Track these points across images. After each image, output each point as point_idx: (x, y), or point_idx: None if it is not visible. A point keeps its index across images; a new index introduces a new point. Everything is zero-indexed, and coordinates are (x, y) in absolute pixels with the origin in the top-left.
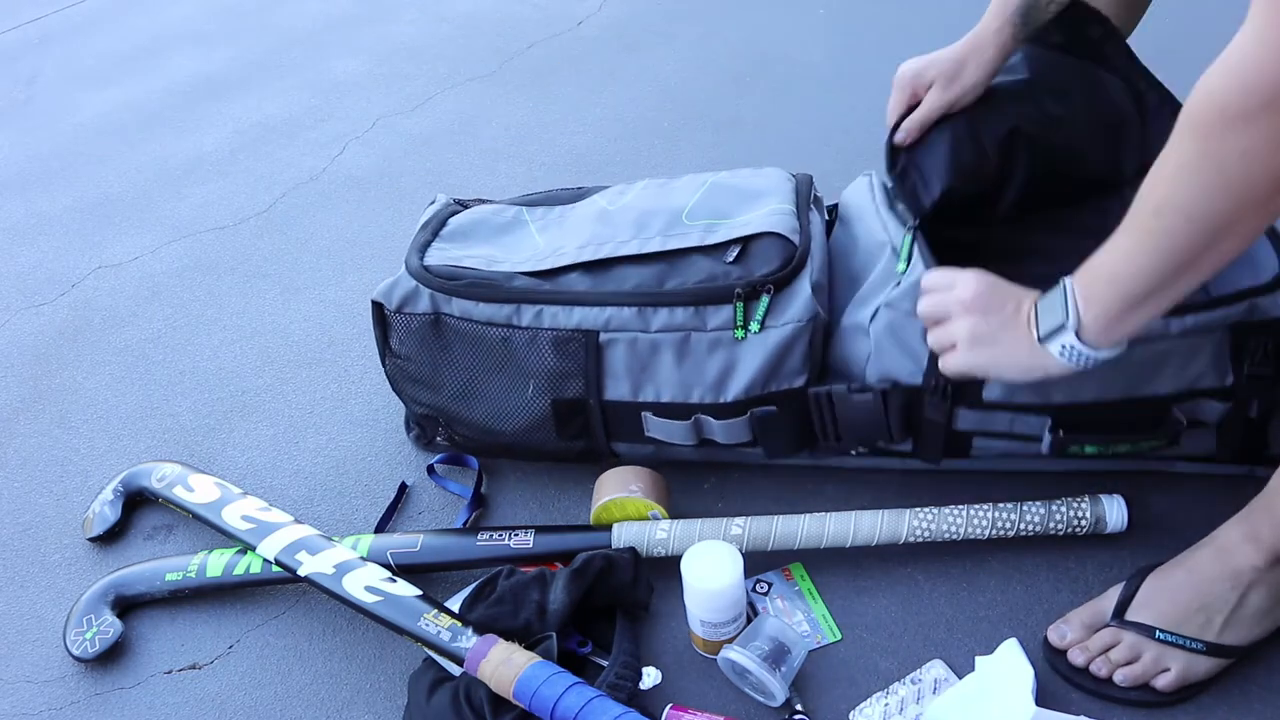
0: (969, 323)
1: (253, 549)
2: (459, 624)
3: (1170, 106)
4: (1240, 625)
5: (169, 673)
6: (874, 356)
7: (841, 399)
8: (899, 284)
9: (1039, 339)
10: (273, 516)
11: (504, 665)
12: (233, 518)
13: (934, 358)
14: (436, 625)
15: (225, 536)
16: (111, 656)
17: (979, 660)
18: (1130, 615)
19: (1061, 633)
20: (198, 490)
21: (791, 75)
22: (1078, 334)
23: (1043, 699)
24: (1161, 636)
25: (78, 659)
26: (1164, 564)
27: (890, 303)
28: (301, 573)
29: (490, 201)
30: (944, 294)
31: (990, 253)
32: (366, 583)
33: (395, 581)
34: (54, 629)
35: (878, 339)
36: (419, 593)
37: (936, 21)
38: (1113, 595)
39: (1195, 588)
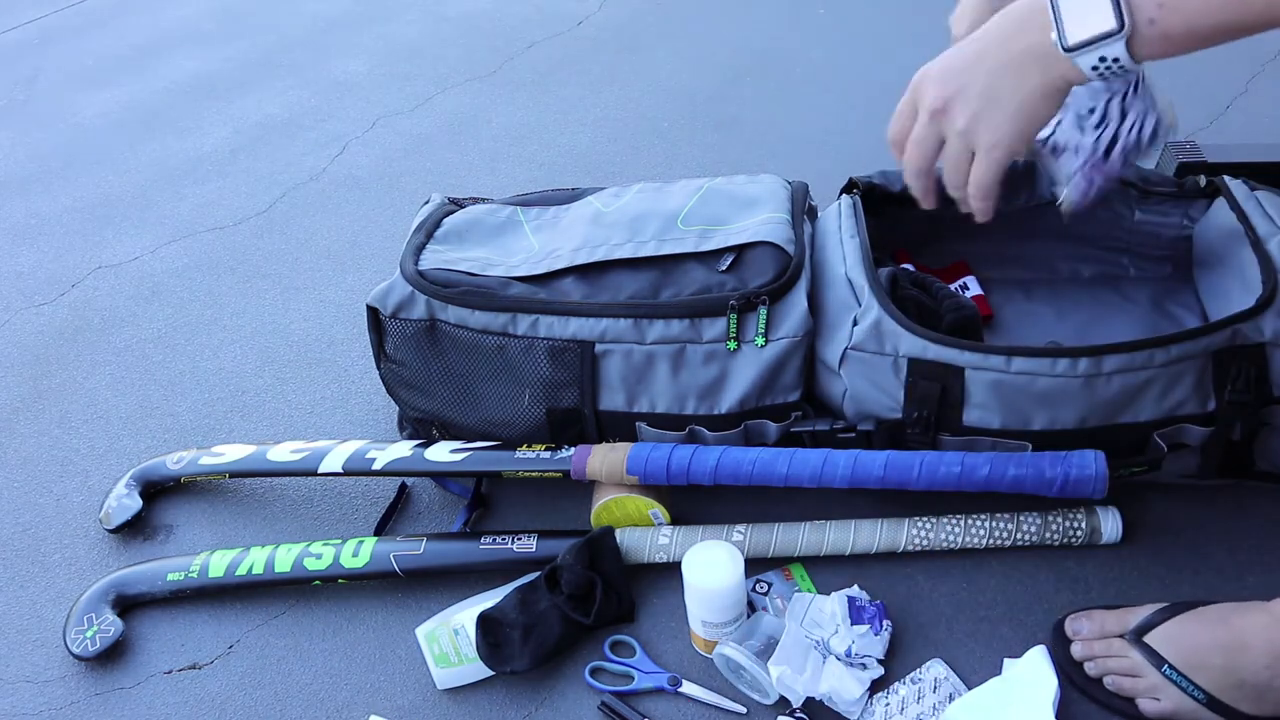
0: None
1: (314, 472)
2: (546, 448)
3: None
4: (1257, 700)
5: (169, 673)
6: (849, 394)
7: (827, 439)
8: (856, 322)
9: (1065, 48)
10: (319, 444)
11: (610, 455)
12: (281, 455)
13: (910, 392)
14: (533, 452)
15: (276, 476)
16: (111, 656)
17: (1006, 663)
18: (1149, 639)
19: (1077, 628)
20: (227, 453)
21: (791, 75)
22: (1128, 43)
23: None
24: (1168, 673)
25: (78, 657)
26: (1207, 607)
27: (855, 346)
28: (377, 467)
29: (485, 200)
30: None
31: (994, 230)
32: (448, 450)
33: (469, 444)
34: (54, 629)
35: (851, 380)
36: (497, 442)
37: (937, 22)
38: (1141, 612)
39: (1231, 648)
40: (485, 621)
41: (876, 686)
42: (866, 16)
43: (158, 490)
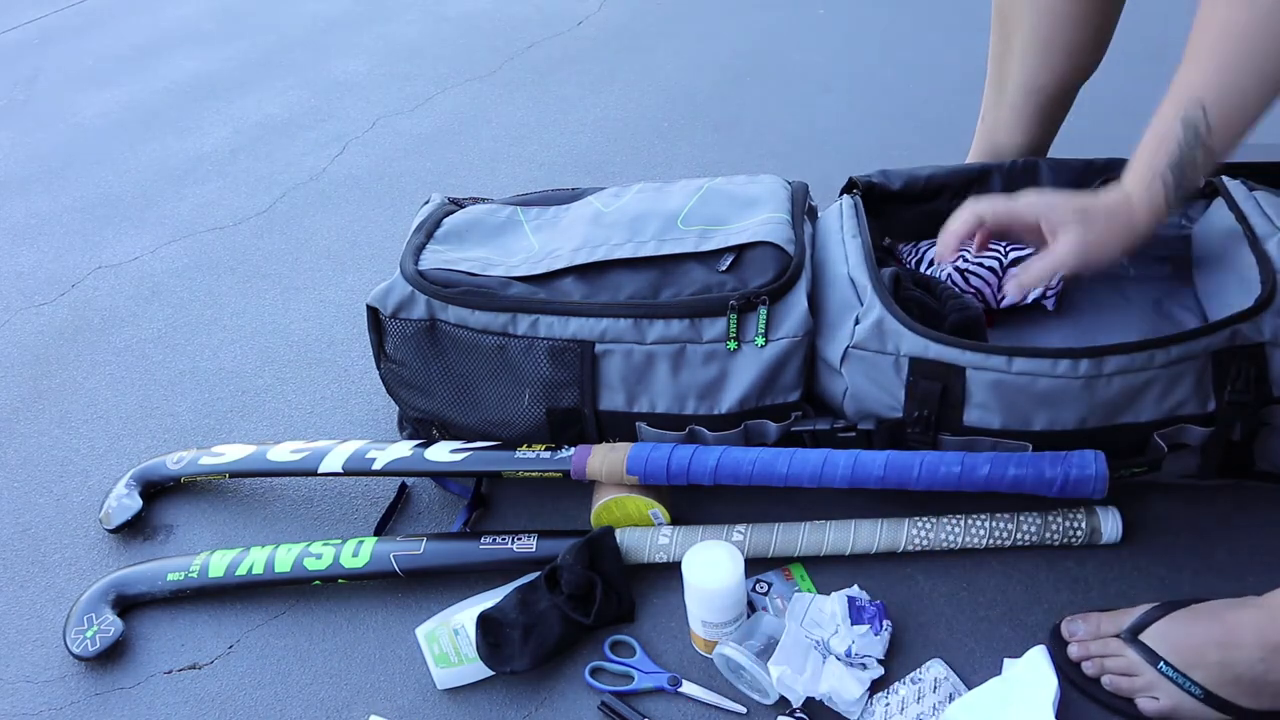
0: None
1: (314, 472)
2: (546, 448)
3: None
4: (1255, 694)
5: (169, 673)
6: (850, 392)
7: (827, 438)
8: (858, 321)
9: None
10: (319, 444)
11: (610, 455)
12: (281, 455)
13: (911, 391)
14: (533, 452)
15: (276, 476)
16: (111, 656)
17: (1006, 663)
18: (1144, 638)
19: (1073, 629)
20: (226, 453)
21: (791, 75)
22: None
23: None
24: (1163, 669)
25: (78, 657)
26: (1200, 604)
27: (857, 344)
28: (377, 467)
29: (485, 200)
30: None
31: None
32: (448, 450)
33: (469, 444)
34: (54, 629)
35: (852, 379)
36: (497, 442)
37: (936, 22)
38: (1135, 612)
39: (1225, 644)
40: (485, 621)
41: (876, 686)
42: (866, 16)
43: (158, 490)
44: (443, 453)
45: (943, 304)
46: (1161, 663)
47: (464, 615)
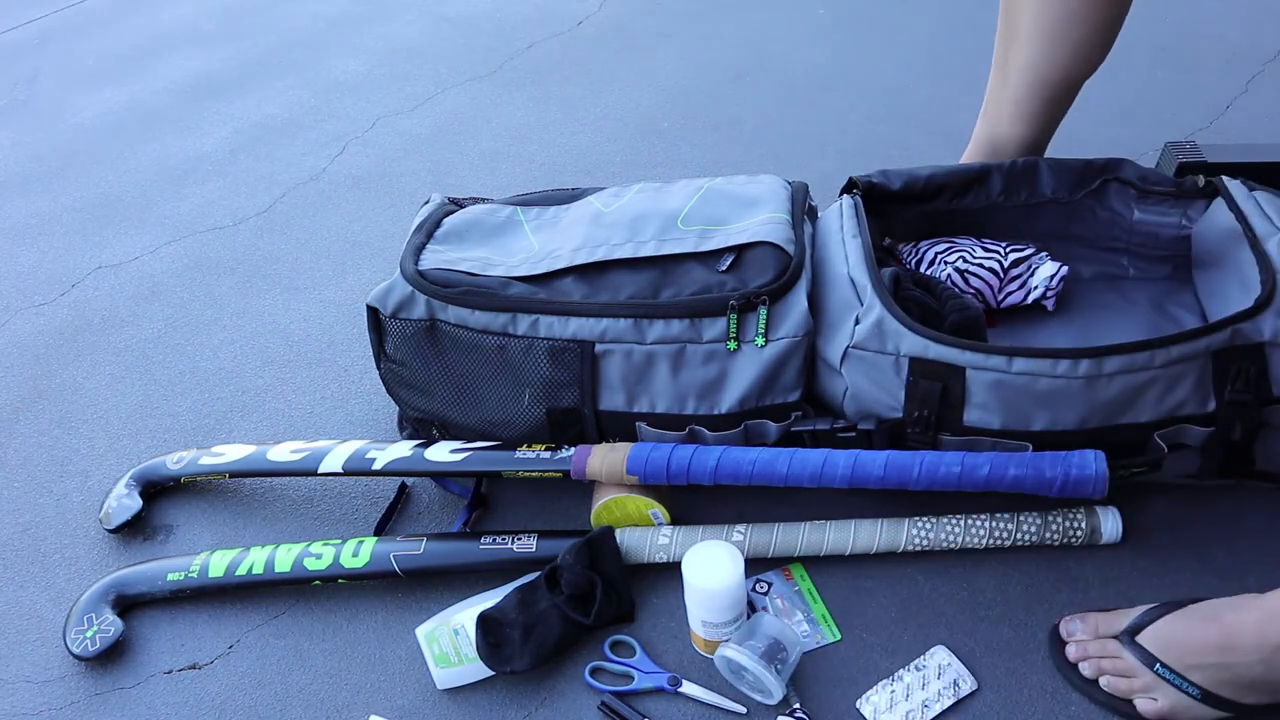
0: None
1: (314, 472)
2: (546, 448)
3: None
4: (1253, 691)
5: (169, 673)
6: (850, 392)
7: (827, 438)
8: (858, 321)
9: None
10: (319, 444)
11: (610, 455)
12: (281, 455)
13: (911, 391)
14: (533, 452)
15: (276, 476)
16: (111, 656)
17: None
18: (1141, 639)
19: (1071, 629)
20: (226, 454)
21: (791, 75)
22: None
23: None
24: (1160, 671)
25: (78, 657)
26: (1197, 605)
27: (857, 344)
28: (377, 467)
29: (485, 200)
30: None
31: (993, 229)
32: (448, 450)
33: (469, 444)
34: (54, 629)
35: (852, 379)
36: (497, 442)
37: (936, 22)
38: (1134, 613)
39: (1223, 647)
40: (485, 621)
41: (879, 675)
42: (866, 16)
43: (158, 490)
44: (443, 453)
45: (943, 304)
46: (1158, 664)
47: (464, 615)
